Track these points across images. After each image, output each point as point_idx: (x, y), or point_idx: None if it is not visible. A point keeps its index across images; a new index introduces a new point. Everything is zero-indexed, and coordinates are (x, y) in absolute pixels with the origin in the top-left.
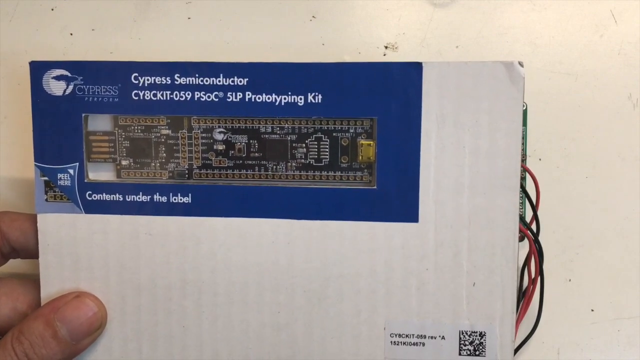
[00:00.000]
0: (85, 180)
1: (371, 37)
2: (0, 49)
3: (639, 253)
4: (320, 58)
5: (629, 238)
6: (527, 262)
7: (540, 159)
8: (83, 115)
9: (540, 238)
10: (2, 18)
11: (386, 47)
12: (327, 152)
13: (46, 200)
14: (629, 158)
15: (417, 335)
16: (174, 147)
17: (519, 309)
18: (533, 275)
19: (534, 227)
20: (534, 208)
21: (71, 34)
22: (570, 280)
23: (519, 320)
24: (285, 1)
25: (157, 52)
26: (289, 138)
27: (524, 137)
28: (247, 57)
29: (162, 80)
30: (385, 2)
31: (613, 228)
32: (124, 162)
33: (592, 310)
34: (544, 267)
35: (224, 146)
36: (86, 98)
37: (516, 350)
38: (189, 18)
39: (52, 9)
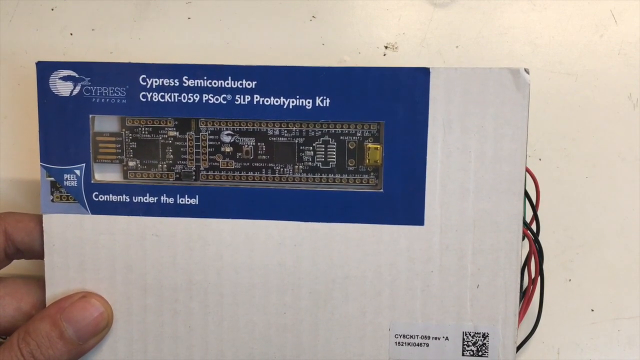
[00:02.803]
0: (92, 181)
1: (371, 37)
2: (0, 49)
3: (639, 253)
4: (320, 58)
5: (629, 238)
6: (527, 262)
7: (540, 159)
8: (90, 116)
9: (540, 238)
10: (2, 18)
11: (386, 47)
12: (334, 155)
13: (52, 200)
14: (629, 158)
15: (421, 336)
16: (182, 149)
17: (519, 309)
18: (533, 275)
19: (534, 227)
20: (534, 208)
21: (71, 34)
22: (570, 280)
23: (519, 320)
24: (285, 1)
25: (157, 52)
26: (297, 141)
27: None
28: (247, 57)
29: (170, 82)
30: (385, 2)
31: (613, 228)
32: (130, 164)
33: (592, 310)
34: (544, 267)
35: (232, 148)
36: (93, 99)
37: (516, 350)
38: (189, 18)
39: (52, 9)
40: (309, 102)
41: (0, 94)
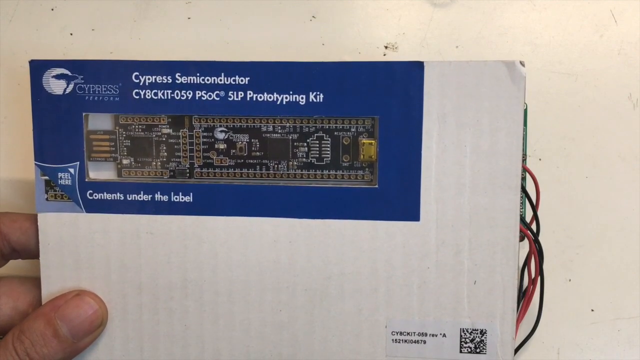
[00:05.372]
0: (86, 180)
1: (371, 37)
2: (0, 49)
3: (639, 253)
4: (320, 58)
5: (629, 238)
6: (527, 262)
7: (540, 159)
8: (83, 114)
9: (540, 238)
10: (2, 18)
11: (386, 47)
12: (328, 151)
13: (47, 199)
14: (629, 158)
15: (419, 333)
16: (175, 146)
17: (519, 309)
18: (533, 275)
19: (534, 227)
20: (534, 208)
21: (71, 34)
22: (570, 280)
23: (519, 320)
24: (285, 1)
25: (157, 52)
26: (291, 137)
27: (524, 137)
28: (247, 57)
29: (163, 79)
30: (385, 2)
31: (613, 228)
32: (124, 161)
33: (592, 310)
34: (544, 267)
35: (225, 145)
36: (87, 97)
37: (516, 350)
38: (189, 18)
39: (52, 9)
40: (302, 98)
41: (0, 94)
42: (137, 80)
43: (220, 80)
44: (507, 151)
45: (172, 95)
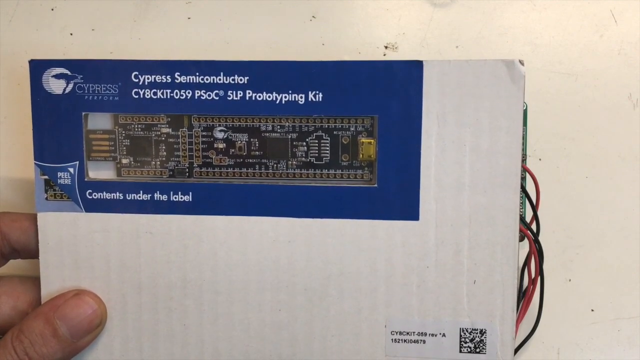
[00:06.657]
0: (86, 179)
1: (371, 37)
2: (0, 49)
3: (639, 253)
4: (320, 58)
5: (629, 238)
6: (527, 262)
7: (540, 159)
8: (83, 113)
9: (540, 238)
10: (2, 18)
11: (386, 47)
12: (327, 150)
13: (46, 199)
14: (629, 158)
15: (418, 332)
16: (175, 146)
17: (519, 309)
18: (533, 275)
19: (534, 227)
20: (534, 208)
21: (71, 34)
22: (570, 280)
23: (519, 320)
24: (285, 1)
25: (157, 52)
26: (290, 136)
27: (524, 137)
28: (247, 57)
29: (162, 79)
30: (385, 2)
31: (613, 228)
32: (124, 161)
33: (592, 310)
34: (544, 267)
35: (225, 144)
36: (86, 96)
37: (516, 350)
38: (189, 18)
39: (52, 9)
40: (301, 97)
41: (0, 94)
42: (137, 80)
43: (220, 79)
44: (507, 150)
45: (172, 94)
